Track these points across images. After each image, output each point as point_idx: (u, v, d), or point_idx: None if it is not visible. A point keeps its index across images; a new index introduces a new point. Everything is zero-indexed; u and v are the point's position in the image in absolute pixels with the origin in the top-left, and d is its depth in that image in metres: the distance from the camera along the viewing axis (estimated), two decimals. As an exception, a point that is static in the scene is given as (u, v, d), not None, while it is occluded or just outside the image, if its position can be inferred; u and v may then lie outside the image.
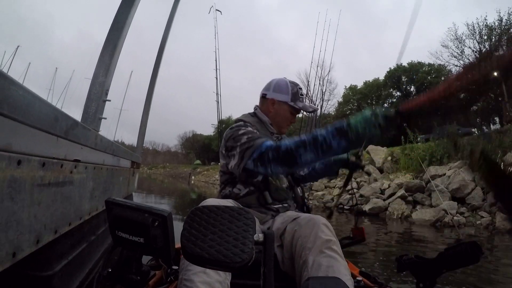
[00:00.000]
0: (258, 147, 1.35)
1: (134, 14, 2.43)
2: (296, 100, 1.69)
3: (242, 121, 1.61)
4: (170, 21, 5.41)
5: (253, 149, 1.36)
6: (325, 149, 1.20)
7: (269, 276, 0.59)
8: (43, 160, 0.95)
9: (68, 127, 1.15)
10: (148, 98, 5.24)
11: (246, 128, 1.50)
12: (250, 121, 1.61)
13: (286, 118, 1.70)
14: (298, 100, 1.69)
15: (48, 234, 1.05)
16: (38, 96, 0.89)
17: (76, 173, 1.31)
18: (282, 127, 1.72)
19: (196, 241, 0.58)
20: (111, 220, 0.71)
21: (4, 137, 0.72)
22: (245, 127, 1.52)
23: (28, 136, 0.85)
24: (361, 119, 1.16)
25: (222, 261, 0.55)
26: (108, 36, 2.16)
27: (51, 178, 1.03)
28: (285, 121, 1.71)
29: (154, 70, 5.29)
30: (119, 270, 0.74)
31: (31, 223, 0.91)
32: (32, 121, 0.86)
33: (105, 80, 2.04)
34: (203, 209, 0.64)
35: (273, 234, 0.63)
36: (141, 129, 5.19)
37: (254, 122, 1.63)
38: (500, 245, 5.79)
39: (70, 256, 1.38)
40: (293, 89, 1.69)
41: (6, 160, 0.73)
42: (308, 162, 1.26)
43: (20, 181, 0.82)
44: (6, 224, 0.77)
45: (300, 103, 1.70)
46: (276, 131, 1.72)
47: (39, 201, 0.95)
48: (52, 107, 1.00)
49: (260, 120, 1.69)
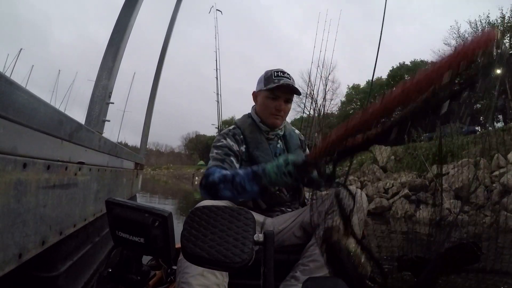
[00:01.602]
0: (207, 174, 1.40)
1: (136, 16, 2.44)
2: (269, 83, 1.59)
3: (221, 135, 1.63)
4: (172, 21, 5.42)
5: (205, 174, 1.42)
6: (240, 190, 1.25)
7: (269, 276, 0.60)
8: (48, 163, 0.96)
9: (73, 130, 1.17)
10: (151, 99, 5.25)
11: (220, 143, 1.56)
12: (239, 126, 1.64)
13: (267, 106, 1.62)
14: (272, 82, 1.59)
15: (54, 235, 1.06)
16: (42, 100, 0.90)
17: (81, 175, 1.33)
18: (268, 118, 1.63)
19: (196, 241, 0.59)
20: (111, 220, 0.72)
21: (10, 141, 0.74)
22: (220, 142, 1.57)
23: (33, 140, 0.87)
24: (274, 166, 1.18)
25: (222, 261, 0.56)
26: (111, 38, 2.18)
27: (56, 181, 1.04)
28: (267, 110, 1.62)
29: (157, 71, 5.31)
30: (119, 270, 0.75)
31: (37, 224, 0.93)
32: (37, 125, 0.88)
33: (108, 83, 2.05)
34: (203, 209, 0.65)
35: (273, 234, 0.63)
36: (144, 130, 5.20)
37: (245, 126, 1.64)
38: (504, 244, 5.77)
39: (75, 257, 1.39)
40: (266, 74, 1.64)
41: (12, 163, 0.75)
42: (228, 198, 1.29)
43: (25, 183, 0.83)
44: (12, 226, 0.78)
45: (273, 84, 1.57)
46: (269, 127, 1.65)
47: (45, 203, 0.97)
48: (56, 111, 1.01)
49: (253, 121, 1.68)
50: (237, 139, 1.59)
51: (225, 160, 1.49)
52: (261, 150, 1.59)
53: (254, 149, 1.58)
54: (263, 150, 1.59)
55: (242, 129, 1.63)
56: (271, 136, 1.67)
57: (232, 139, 1.58)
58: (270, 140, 1.67)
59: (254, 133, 1.63)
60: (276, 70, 1.62)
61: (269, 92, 1.58)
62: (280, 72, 1.61)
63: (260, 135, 1.64)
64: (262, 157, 1.55)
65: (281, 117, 1.63)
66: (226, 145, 1.54)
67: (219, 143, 1.56)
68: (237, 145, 1.56)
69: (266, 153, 1.59)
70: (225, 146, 1.54)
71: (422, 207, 8.21)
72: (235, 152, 1.53)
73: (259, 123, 1.65)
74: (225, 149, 1.52)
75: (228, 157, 1.50)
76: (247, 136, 1.61)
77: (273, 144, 1.67)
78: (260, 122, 1.65)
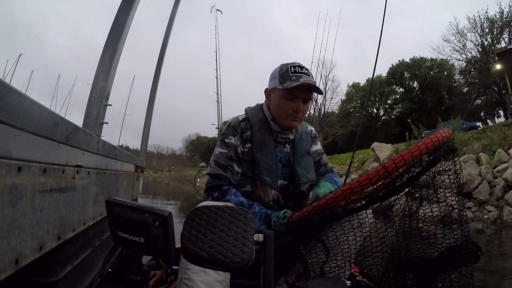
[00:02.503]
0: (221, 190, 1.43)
1: (134, 15, 2.42)
2: (286, 80, 1.43)
3: (230, 129, 1.54)
4: (171, 21, 5.41)
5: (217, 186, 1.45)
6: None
7: (269, 276, 0.59)
8: (44, 166, 0.95)
9: (69, 132, 1.15)
10: (150, 100, 5.24)
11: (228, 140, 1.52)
12: (249, 118, 1.55)
13: (282, 106, 1.46)
14: (289, 80, 1.42)
15: (52, 240, 1.05)
16: (36, 102, 0.89)
17: (79, 178, 1.31)
18: (282, 118, 1.49)
19: (196, 241, 0.58)
20: (111, 220, 0.71)
21: (3, 144, 0.73)
22: (229, 139, 1.52)
23: (27, 143, 0.85)
24: (277, 215, 1.29)
25: (222, 261, 0.55)
26: (108, 39, 2.16)
27: (53, 184, 1.03)
28: (282, 111, 1.47)
29: (156, 71, 5.30)
30: (119, 270, 0.74)
31: (34, 229, 0.91)
32: (32, 127, 0.86)
33: (105, 85, 2.04)
34: (203, 209, 0.64)
35: (273, 234, 0.62)
36: (144, 133, 5.20)
37: (255, 120, 1.54)
38: (507, 239, 5.74)
39: (74, 262, 1.38)
40: (281, 69, 1.47)
41: (5, 167, 0.74)
42: None
43: (21, 188, 0.82)
44: (8, 231, 0.77)
45: (291, 82, 1.41)
46: (284, 128, 1.53)
47: (41, 208, 0.96)
48: (51, 113, 1.00)
49: (264, 117, 1.56)
50: (243, 138, 1.51)
51: (228, 168, 1.46)
52: (265, 153, 1.49)
53: (257, 151, 1.49)
54: (267, 154, 1.49)
55: (251, 123, 1.53)
56: (280, 139, 1.55)
57: (239, 137, 1.50)
58: (278, 143, 1.56)
59: (262, 132, 1.52)
60: (292, 65, 1.45)
61: (286, 92, 1.42)
62: (298, 68, 1.44)
63: (269, 135, 1.53)
64: (264, 162, 1.47)
65: (299, 119, 1.49)
66: (232, 145, 1.50)
67: (227, 139, 1.50)
68: (242, 145, 1.50)
69: (269, 157, 1.49)
70: (231, 146, 1.49)
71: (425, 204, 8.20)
72: (239, 155, 1.49)
73: (270, 121, 1.53)
74: (231, 151, 1.48)
75: (232, 162, 1.47)
76: (254, 133, 1.50)
77: (280, 148, 1.56)
78: (271, 120, 1.53)
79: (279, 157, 1.54)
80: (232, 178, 1.46)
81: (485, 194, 7.59)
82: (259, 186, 1.46)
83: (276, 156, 1.52)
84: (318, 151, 1.64)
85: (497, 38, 26.36)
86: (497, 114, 28.24)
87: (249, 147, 1.51)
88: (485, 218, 7.04)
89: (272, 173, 1.47)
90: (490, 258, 4.21)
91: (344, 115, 35.87)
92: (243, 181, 1.49)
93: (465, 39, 28.20)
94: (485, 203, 7.47)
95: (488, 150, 9.12)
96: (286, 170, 1.53)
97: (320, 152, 1.64)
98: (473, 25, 27.25)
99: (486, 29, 26.89)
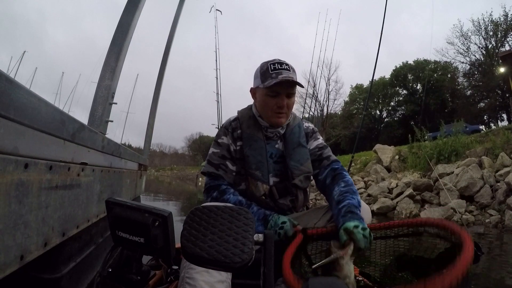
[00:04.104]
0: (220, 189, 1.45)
1: (139, 15, 2.44)
2: (266, 78, 1.44)
3: (223, 129, 1.59)
4: (175, 21, 5.43)
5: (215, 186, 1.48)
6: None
7: (269, 276, 0.60)
8: (50, 163, 0.96)
9: (75, 130, 1.17)
10: (154, 99, 5.26)
11: (221, 140, 1.55)
12: (239, 117, 1.59)
13: (266, 103, 1.47)
14: (270, 77, 1.43)
15: (56, 236, 1.07)
16: (44, 100, 0.90)
17: (84, 176, 1.33)
18: (269, 116, 1.50)
19: (196, 241, 0.58)
20: (112, 220, 0.71)
21: (11, 141, 0.74)
22: (221, 139, 1.56)
23: (35, 140, 0.86)
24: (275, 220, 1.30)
25: (222, 261, 0.56)
26: (114, 38, 2.18)
27: (58, 181, 1.04)
28: (268, 108, 1.48)
29: (160, 71, 5.32)
30: (119, 270, 0.74)
31: (39, 226, 0.93)
32: (39, 125, 0.88)
33: (111, 83, 2.06)
34: (203, 209, 0.65)
35: (273, 234, 0.63)
36: (147, 132, 5.22)
37: (244, 119, 1.58)
38: (509, 243, 5.73)
39: (78, 258, 1.39)
40: (262, 68, 1.49)
41: (13, 163, 0.75)
42: None
43: (27, 184, 0.83)
44: (13, 227, 0.78)
45: (271, 79, 1.41)
46: (272, 125, 1.53)
47: (47, 204, 0.97)
48: (58, 111, 1.01)
49: (253, 114, 1.58)
50: (234, 137, 1.54)
51: (220, 166, 1.48)
52: (254, 149, 1.51)
53: (247, 148, 1.51)
54: (256, 149, 1.51)
55: (241, 122, 1.56)
56: (270, 134, 1.56)
57: (230, 136, 1.53)
58: (269, 139, 1.57)
59: (252, 129, 1.54)
60: (272, 62, 1.46)
61: (268, 90, 1.44)
62: (278, 64, 1.45)
63: (258, 131, 1.54)
64: (253, 157, 1.49)
65: (285, 114, 1.50)
66: (224, 144, 1.53)
67: (219, 140, 1.55)
68: (234, 144, 1.53)
69: (258, 152, 1.51)
70: (223, 146, 1.52)
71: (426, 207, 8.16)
72: (231, 153, 1.51)
73: (258, 117, 1.55)
74: (223, 150, 1.51)
75: (224, 161, 1.49)
76: (244, 131, 1.53)
77: (271, 143, 1.57)
78: (259, 117, 1.54)
79: (270, 153, 1.54)
80: (225, 176, 1.47)
81: (487, 198, 7.54)
82: (251, 181, 1.48)
83: (266, 151, 1.52)
84: (319, 145, 1.62)
85: (501, 41, 26.25)
86: (500, 117, 28.08)
87: (240, 145, 1.54)
88: (487, 222, 7.01)
89: (262, 168, 1.48)
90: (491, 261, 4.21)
91: (347, 117, 35.74)
92: (238, 179, 1.50)
93: (469, 42, 28.11)
94: (487, 207, 7.43)
95: (491, 154, 9.07)
96: (278, 166, 1.53)
97: (320, 147, 1.62)
98: (477, 27, 27.16)
99: (490, 32, 26.78)
